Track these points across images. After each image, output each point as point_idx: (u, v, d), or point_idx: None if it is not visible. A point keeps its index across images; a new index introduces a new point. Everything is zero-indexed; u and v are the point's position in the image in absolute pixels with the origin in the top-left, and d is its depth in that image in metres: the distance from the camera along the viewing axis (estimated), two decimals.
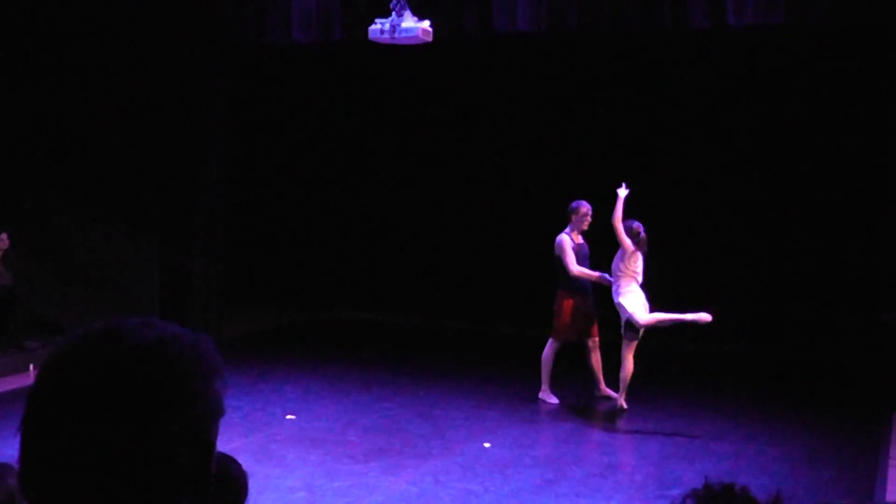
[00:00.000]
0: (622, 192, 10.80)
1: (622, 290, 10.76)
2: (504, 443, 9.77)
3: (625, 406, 10.94)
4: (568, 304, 11.16)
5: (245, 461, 3.17)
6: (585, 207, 11.11)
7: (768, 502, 1.47)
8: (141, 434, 1.35)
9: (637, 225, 10.79)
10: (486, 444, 9.70)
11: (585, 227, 11.12)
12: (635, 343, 10.77)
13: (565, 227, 11.15)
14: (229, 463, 3.01)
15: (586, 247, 11.21)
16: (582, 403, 11.33)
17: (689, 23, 11.24)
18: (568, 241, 11.04)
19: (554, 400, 11.32)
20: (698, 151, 14.38)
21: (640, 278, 10.81)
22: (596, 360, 11.41)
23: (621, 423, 10.69)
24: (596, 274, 11.02)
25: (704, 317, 10.53)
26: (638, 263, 10.77)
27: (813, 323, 13.81)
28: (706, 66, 14.10)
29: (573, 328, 11.21)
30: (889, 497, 8.32)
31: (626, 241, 10.69)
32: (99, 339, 1.41)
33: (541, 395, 11.41)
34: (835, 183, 13.81)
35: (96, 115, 13.77)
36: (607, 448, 9.92)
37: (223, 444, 1.53)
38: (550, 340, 11.31)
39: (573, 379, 11.70)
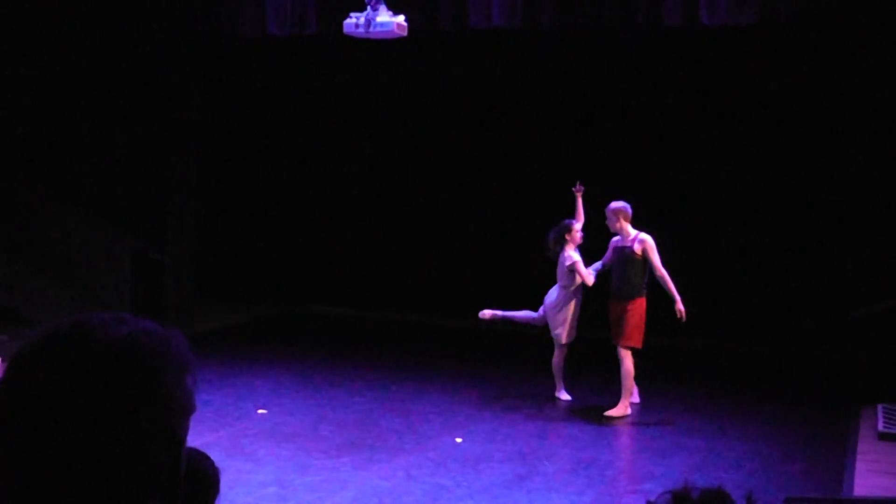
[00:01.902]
0: (579, 192, 10.93)
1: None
2: (476, 438, 9.78)
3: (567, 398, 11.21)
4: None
5: (216, 456, 3.17)
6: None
7: None
8: (110, 431, 1.34)
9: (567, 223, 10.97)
10: (459, 439, 9.71)
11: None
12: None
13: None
14: (202, 459, 2.99)
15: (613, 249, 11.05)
16: (554, 398, 11.34)
17: (662, 21, 11.28)
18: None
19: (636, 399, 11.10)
20: (669, 148, 14.43)
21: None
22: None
23: (593, 419, 10.71)
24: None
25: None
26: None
27: (783, 319, 13.90)
28: (679, 63, 14.15)
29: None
30: (857, 491, 8.38)
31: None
32: (68, 334, 1.40)
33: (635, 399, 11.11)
34: (804, 180, 13.90)
35: (69, 107, 13.69)
36: (579, 443, 9.94)
37: (194, 439, 1.53)
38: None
39: (544, 375, 11.73)
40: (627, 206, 10.75)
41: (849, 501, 8.16)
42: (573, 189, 11.12)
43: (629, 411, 10.74)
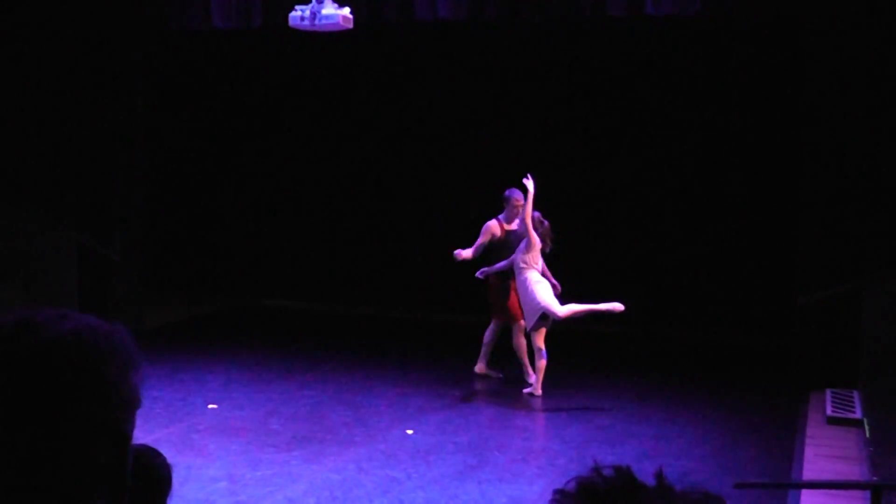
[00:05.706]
0: (530, 184, 10.86)
1: (531, 282, 10.84)
2: (427, 429, 9.79)
3: (539, 393, 11.04)
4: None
5: (167, 451, 3.14)
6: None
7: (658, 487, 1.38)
8: (54, 427, 1.33)
9: (537, 215, 10.97)
10: (409, 431, 9.71)
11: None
12: (545, 330, 10.92)
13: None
14: (153, 456, 2.97)
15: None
16: (504, 389, 11.38)
17: (607, 11, 11.33)
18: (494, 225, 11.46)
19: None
20: (615, 138, 14.49)
21: (539, 269, 10.99)
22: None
23: (543, 409, 10.76)
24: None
25: (617, 306, 10.72)
26: (538, 254, 10.95)
27: (731, 306, 14.01)
28: (624, 55, 14.22)
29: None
30: (806, 475, 8.48)
31: (535, 235, 10.82)
32: (12, 330, 1.38)
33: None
34: (750, 168, 14.01)
35: (11, 99, 13.51)
36: (529, 433, 9.98)
37: (144, 435, 1.52)
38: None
39: (499, 364, 11.76)
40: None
41: (798, 486, 8.25)
42: (529, 182, 11.01)
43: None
